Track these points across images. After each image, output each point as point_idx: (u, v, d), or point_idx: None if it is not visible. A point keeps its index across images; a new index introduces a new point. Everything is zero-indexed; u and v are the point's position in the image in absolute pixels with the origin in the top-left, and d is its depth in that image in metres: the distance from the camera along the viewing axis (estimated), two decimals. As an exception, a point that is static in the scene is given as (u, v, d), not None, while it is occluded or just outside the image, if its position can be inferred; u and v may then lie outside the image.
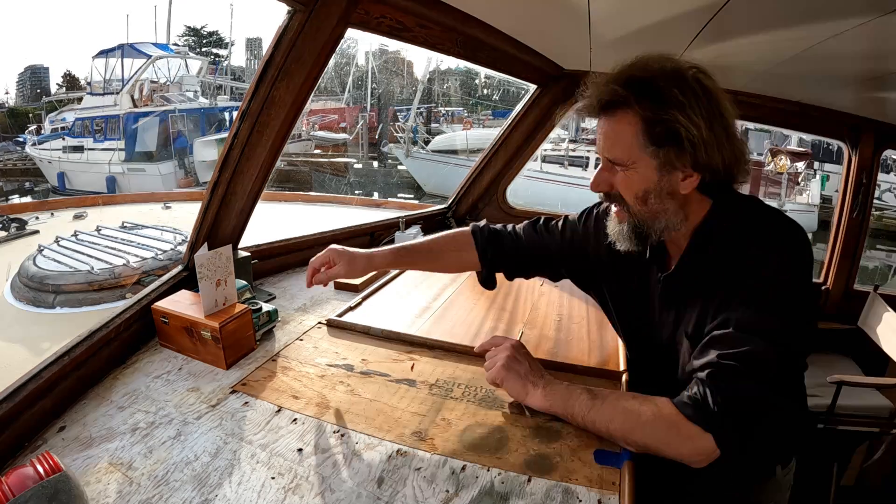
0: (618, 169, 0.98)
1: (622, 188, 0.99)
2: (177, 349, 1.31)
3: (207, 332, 1.23)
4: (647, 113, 0.92)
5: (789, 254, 0.92)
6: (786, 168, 13.30)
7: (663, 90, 0.90)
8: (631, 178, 0.97)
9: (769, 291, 0.90)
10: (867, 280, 8.45)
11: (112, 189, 15.56)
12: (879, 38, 1.36)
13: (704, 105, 0.90)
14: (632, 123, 0.93)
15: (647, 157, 0.94)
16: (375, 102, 26.12)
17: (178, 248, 4.44)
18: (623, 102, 0.93)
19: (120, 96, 16.92)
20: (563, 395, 1.03)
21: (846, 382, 2.15)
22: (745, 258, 0.93)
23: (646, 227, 1.01)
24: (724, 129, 0.93)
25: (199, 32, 45.13)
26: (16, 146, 24.03)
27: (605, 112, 0.97)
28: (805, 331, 0.94)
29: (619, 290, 1.24)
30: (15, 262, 4.32)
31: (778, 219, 0.98)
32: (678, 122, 0.89)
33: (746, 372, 0.86)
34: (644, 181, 0.97)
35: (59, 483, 0.74)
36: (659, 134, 0.92)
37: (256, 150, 1.48)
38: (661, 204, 0.98)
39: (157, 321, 1.32)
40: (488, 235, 1.38)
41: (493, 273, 1.39)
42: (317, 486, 0.88)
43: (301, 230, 2.10)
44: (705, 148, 0.91)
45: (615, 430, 0.96)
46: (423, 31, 1.60)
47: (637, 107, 0.92)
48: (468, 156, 15.85)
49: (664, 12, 1.41)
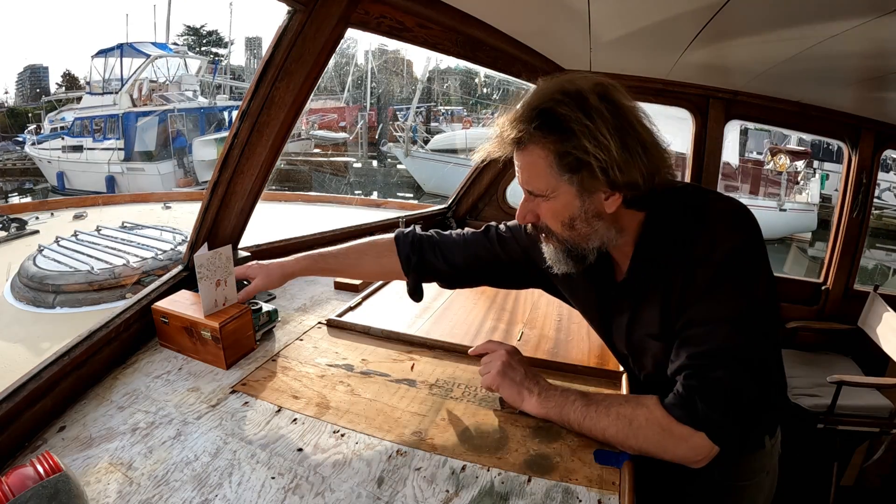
0: (539, 199, 0.99)
1: (548, 218, 1.00)
2: (177, 349, 1.31)
3: (207, 331, 1.22)
4: (555, 145, 0.92)
5: (736, 238, 0.92)
6: (785, 167, 13.32)
7: (566, 119, 0.89)
8: (554, 206, 0.98)
9: (721, 279, 0.91)
10: (866, 279, 8.44)
11: (111, 188, 15.58)
12: (879, 38, 1.36)
13: (612, 124, 0.89)
14: (542, 156, 0.94)
15: (565, 185, 0.94)
16: (375, 102, 26.10)
17: (178, 248, 4.45)
18: (529, 139, 0.94)
19: (119, 96, 16.92)
20: (558, 402, 1.03)
21: (846, 382, 2.15)
22: (694, 249, 0.93)
23: (579, 249, 1.02)
24: (639, 142, 0.91)
25: (199, 32, 45.12)
26: (15, 146, 24.03)
27: (517, 147, 0.97)
28: (767, 307, 0.95)
29: (575, 298, 1.26)
30: (15, 262, 4.33)
31: (717, 204, 0.98)
32: (585, 149, 0.89)
33: (716, 364, 0.89)
34: (567, 208, 0.97)
35: (59, 483, 0.74)
36: (570, 163, 0.92)
37: (256, 150, 1.48)
38: (589, 227, 0.98)
39: (157, 321, 1.32)
40: (413, 241, 1.34)
41: (419, 282, 1.35)
42: (317, 486, 0.88)
43: (301, 230, 2.10)
44: (618, 168, 0.90)
45: (611, 437, 0.97)
46: (423, 31, 1.60)
47: (543, 140, 0.92)
48: (468, 155, 15.84)
49: (664, 12, 1.41)
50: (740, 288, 0.91)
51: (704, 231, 0.94)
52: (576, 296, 1.25)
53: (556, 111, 0.90)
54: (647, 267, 1.02)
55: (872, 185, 2.57)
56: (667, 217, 0.99)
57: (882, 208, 13.32)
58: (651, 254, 1.01)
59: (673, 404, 0.91)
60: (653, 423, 0.92)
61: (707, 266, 0.92)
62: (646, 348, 1.07)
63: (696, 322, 0.92)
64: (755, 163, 14.53)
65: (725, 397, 0.88)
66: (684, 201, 1.00)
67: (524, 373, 1.10)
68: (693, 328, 0.93)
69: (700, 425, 0.88)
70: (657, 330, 1.02)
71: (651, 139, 0.94)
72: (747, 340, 0.90)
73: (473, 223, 2.89)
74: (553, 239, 1.03)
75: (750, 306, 0.91)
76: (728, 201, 0.98)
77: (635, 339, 1.09)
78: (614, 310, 1.12)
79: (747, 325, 0.90)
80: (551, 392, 1.06)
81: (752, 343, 0.91)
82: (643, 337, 1.06)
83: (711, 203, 0.99)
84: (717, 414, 0.88)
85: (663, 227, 0.99)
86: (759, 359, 0.92)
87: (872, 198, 2.62)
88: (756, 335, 0.92)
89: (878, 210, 12.99)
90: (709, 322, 0.91)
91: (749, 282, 0.92)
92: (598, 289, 1.15)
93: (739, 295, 0.91)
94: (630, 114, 0.92)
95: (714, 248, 0.91)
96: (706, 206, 0.98)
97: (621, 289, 1.08)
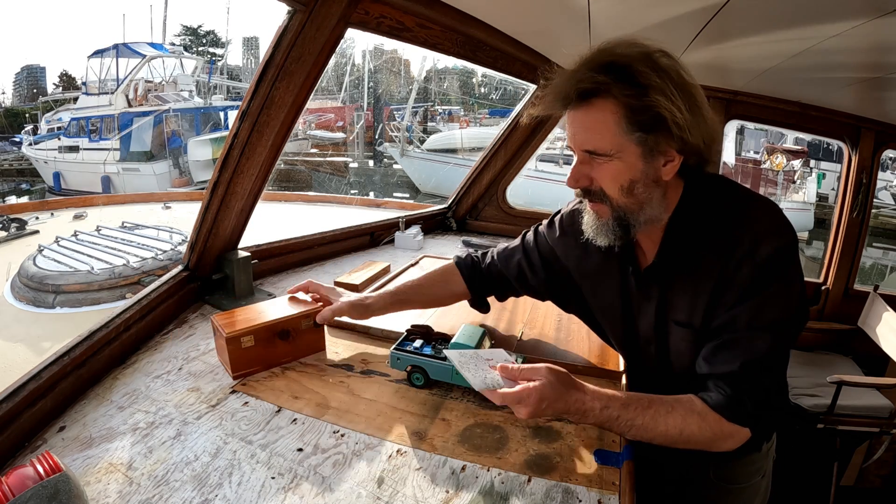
0: (599, 161, 0.93)
1: (606, 180, 0.94)
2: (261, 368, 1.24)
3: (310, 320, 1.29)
4: (630, 99, 0.87)
5: (779, 239, 0.91)
6: (782, 166, 13.34)
7: (641, 74, 0.86)
8: (615, 168, 0.93)
9: (768, 279, 0.90)
10: (864, 278, 8.45)
11: (107, 189, 15.54)
12: (879, 38, 1.36)
13: (678, 84, 0.88)
14: (612, 111, 0.89)
15: (632, 144, 0.90)
16: (372, 101, 26.08)
17: (178, 248, 4.44)
18: (602, 90, 0.89)
19: (115, 96, 16.90)
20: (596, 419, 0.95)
21: (846, 382, 2.15)
22: (734, 245, 0.92)
23: (631, 218, 0.97)
24: (699, 108, 0.90)
25: (197, 32, 45.10)
26: (12, 146, 23.97)
27: (580, 102, 0.92)
28: (800, 314, 0.96)
29: (595, 289, 1.21)
30: (15, 262, 4.32)
31: (756, 200, 0.97)
32: (662, 105, 0.86)
33: (765, 370, 0.92)
34: (630, 170, 0.92)
35: (59, 483, 0.74)
36: (644, 121, 0.88)
37: (256, 150, 1.48)
38: (648, 193, 0.94)
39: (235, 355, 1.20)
40: (471, 264, 1.40)
41: (484, 299, 1.43)
42: (317, 486, 0.88)
43: (301, 230, 2.10)
44: (689, 129, 0.88)
45: (660, 443, 0.95)
46: (423, 31, 1.60)
47: (618, 94, 0.88)
48: (464, 155, 15.84)
49: (664, 12, 1.41)
50: (784, 291, 0.92)
51: (746, 226, 0.93)
52: (594, 282, 1.20)
53: (632, 66, 0.87)
54: (680, 251, 1.00)
55: (872, 184, 2.58)
56: (703, 201, 0.98)
57: (879, 207, 13.35)
58: (685, 237, 0.99)
59: (724, 406, 0.92)
60: (705, 428, 0.92)
61: (751, 265, 0.90)
62: (669, 334, 1.05)
63: (743, 324, 0.92)
64: (753, 162, 14.55)
65: (768, 397, 0.93)
66: (720, 188, 0.99)
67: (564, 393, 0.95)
68: (741, 331, 0.92)
69: (747, 423, 0.92)
70: (685, 318, 1.00)
71: (707, 111, 0.92)
72: (784, 345, 0.94)
73: (473, 223, 2.89)
74: (606, 205, 0.97)
75: (790, 310, 0.93)
76: (765, 199, 0.97)
77: (661, 326, 1.06)
78: (641, 297, 1.09)
79: (786, 331, 0.93)
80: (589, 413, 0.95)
81: (786, 346, 0.95)
82: (669, 323, 1.04)
83: (749, 197, 0.98)
84: (764, 414, 0.93)
85: (698, 210, 0.98)
86: (786, 360, 0.98)
87: (872, 198, 2.62)
88: (789, 339, 0.95)
89: (875, 209, 13.02)
90: (757, 327, 0.91)
91: (791, 284, 0.92)
92: (623, 276, 1.11)
93: (784, 299, 0.92)
94: (690, 78, 0.91)
95: (758, 246, 0.90)
96: (744, 200, 0.97)
97: (649, 273, 1.05)
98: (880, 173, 8.45)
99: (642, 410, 0.93)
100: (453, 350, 1.06)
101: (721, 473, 1.15)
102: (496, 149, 2.69)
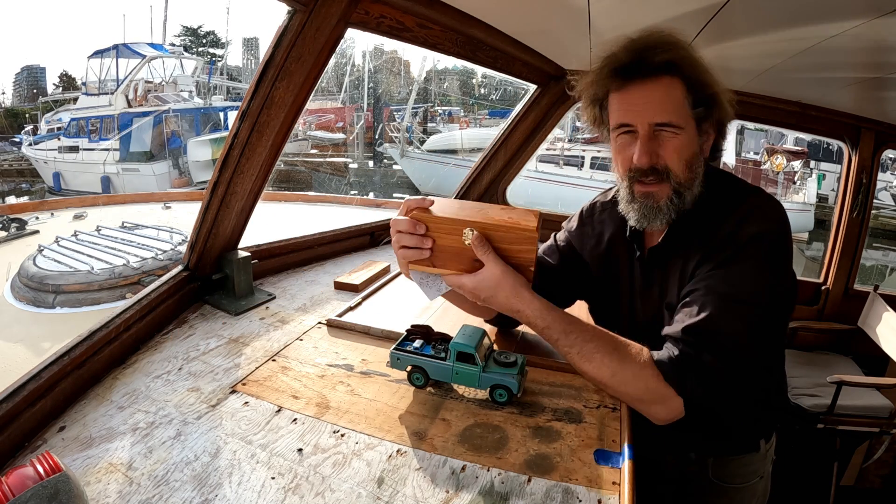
0: (667, 135, 0.94)
1: (674, 155, 0.95)
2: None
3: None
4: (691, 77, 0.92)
5: (766, 223, 0.93)
6: (782, 167, 13.35)
7: (692, 55, 0.92)
8: (682, 142, 0.94)
9: (743, 259, 0.91)
10: (864, 278, 8.47)
11: (107, 189, 15.56)
12: (879, 38, 1.36)
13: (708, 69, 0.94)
14: (678, 87, 0.93)
15: (692, 120, 0.95)
16: (372, 102, 26.11)
17: (178, 248, 4.45)
18: (673, 67, 0.93)
19: (115, 96, 16.92)
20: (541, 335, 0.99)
21: (846, 382, 2.15)
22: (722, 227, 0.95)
23: (687, 194, 0.97)
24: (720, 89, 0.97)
25: (197, 32, 45.12)
26: (12, 146, 23.98)
27: (647, 76, 0.94)
28: (780, 302, 0.95)
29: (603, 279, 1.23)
30: (15, 262, 4.32)
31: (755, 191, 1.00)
32: (716, 84, 0.92)
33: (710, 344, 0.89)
34: (691, 145, 0.96)
35: (59, 483, 0.74)
36: (704, 98, 0.93)
37: (256, 150, 1.48)
38: (700, 169, 0.98)
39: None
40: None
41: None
42: (317, 486, 0.87)
43: (301, 230, 2.10)
44: (724, 107, 0.95)
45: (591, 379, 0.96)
46: (424, 31, 1.60)
47: (688, 71, 0.93)
48: (464, 156, 15.85)
49: (664, 12, 1.41)
50: (757, 271, 0.91)
51: (737, 211, 0.95)
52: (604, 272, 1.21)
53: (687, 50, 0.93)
54: (680, 235, 1.02)
55: (872, 185, 2.58)
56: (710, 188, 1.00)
57: (879, 208, 13.35)
58: (690, 222, 1.00)
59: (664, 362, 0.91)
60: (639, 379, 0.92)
61: (732, 241, 0.92)
62: (664, 319, 1.06)
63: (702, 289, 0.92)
64: (754, 163, 14.56)
65: (715, 381, 0.89)
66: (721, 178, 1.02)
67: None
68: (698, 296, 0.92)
69: (682, 391, 0.90)
70: (675, 301, 1.01)
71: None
72: (749, 329, 0.90)
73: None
74: (667, 183, 0.97)
75: (761, 294, 0.91)
76: (766, 193, 0.99)
77: (659, 311, 1.08)
78: (644, 283, 1.11)
79: (753, 314, 0.90)
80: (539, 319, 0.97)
81: (753, 333, 0.91)
82: (663, 308, 1.06)
83: (748, 188, 1.00)
84: (701, 390, 0.90)
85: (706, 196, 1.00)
86: (758, 350, 0.93)
87: (872, 198, 2.62)
88: (760, 326, 0.91)
89: (875, 210, 13.03)
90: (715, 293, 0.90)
91: (768, 269, 0.91)
92: (630, 263, 1.14)
93: (756, 278, 0.90)
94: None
95: (742, 226, 0.92)
96: (743, 189, 0.99)
97: (653, 256, 1.07)
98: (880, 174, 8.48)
99: (582, 342, 0.94)
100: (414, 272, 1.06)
101: (718, 473, 1.15)
102: (496, 149, 2.68)
